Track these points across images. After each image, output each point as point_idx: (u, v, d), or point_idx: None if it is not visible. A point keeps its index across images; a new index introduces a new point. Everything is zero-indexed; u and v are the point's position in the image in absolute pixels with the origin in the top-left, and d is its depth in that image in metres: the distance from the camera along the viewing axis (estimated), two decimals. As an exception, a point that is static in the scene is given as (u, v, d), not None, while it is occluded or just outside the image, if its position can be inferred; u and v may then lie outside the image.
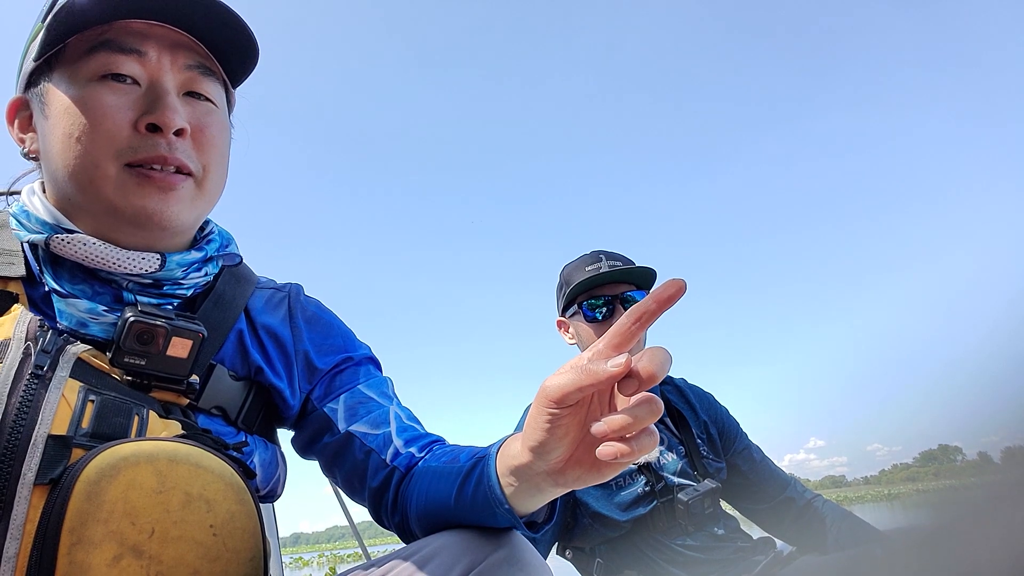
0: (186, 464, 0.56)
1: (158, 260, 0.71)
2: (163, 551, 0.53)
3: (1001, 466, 0.41)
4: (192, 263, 0.75)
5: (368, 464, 0.78)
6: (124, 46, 0.69)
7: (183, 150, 0.71)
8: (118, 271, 0.70)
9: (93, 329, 0.68)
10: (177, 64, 0.72)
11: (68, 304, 0.68)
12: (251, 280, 0.86)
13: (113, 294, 0.71)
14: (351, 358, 0.86)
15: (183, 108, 0.71)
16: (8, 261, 0.70)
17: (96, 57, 0.69)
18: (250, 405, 0.79)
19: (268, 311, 0.84)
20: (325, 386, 0.83)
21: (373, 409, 0.81)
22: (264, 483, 0.80)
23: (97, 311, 0.68)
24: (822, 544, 1.45)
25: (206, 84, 0.75)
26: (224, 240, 0.84)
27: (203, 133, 0.73)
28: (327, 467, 0.84)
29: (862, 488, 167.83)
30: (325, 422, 0.81)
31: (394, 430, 0.80)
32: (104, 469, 0.53)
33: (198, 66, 0.74)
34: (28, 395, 0.55)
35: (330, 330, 0.88)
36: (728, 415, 1.63)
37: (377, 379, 0.86)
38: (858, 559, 1.09)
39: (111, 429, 0.58)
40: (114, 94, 0.68)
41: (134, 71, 0.70)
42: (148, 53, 0.70)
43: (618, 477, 1.39)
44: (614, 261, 1.53)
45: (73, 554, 0.50)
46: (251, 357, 0.79)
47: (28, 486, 0.52)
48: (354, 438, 0.79)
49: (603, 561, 1.40)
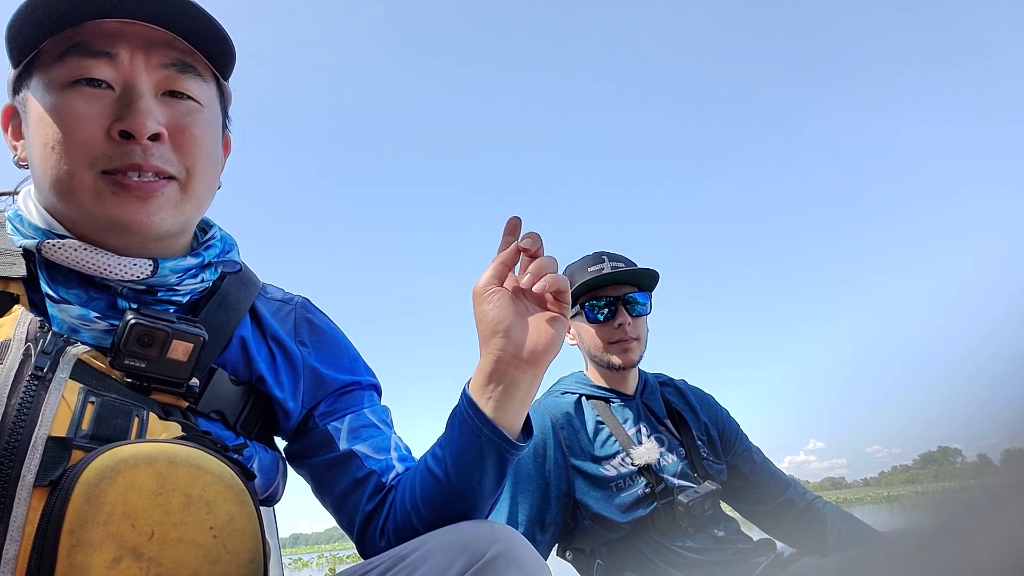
0: (186, 466, 0.56)
1: (150, 266, 0.70)
2: (163, 553, 0.53)
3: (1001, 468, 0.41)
4: (187, 269, 0.74)
5: (367, 484, 0.78)
6: (94, 49, 0.67)
7: (160, 155, 0.68)
8: (110, 277, 0.69)
9: (84, 336, 0.67)
10: (152, 63, 0.69)
11: (60, 310, 0.67)
12: (256, 284, 0.85)
13: (107, 300, 0.70)
14: (360, 383, 0.86)
15: (160, 110, 0.69)
16: (10, 262, 0.69)
17: (67, 62, 0.67)
18: (249, 411, 0.78)
19: (276, 322, 0.84)
20: (330, 404, 0.83)
21: (375, 435, 0.82)
22: (264, 487, 0.79)
23: (89, 317, 0.67)
24: (823, 546, 1.45)
25: (186, 82, 0.72)
26: (226, 246, 0.82)
27: (184, 134, 0.71)
28: (318, 481, 0.83)
29: (862, 490, 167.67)
30: (326, 439, 0.81)
31: (395, 458, 0.81)
32: (104, 471, 0.53)
33: (175, 63, 0.71)
34: (28, 396, 0.55)
35: (339, 350, 0.88)
36: (728, 417, 1.63)
37: (379, 407, 0.87)
38: (859, 560, 1.09)
39: (111, 431, 0.58)
40: (86, 100, 0.66)
41: (106, 74, 0.67)
42: (119, 55, 0.68)
43: (618, 479, 1.39)
44: (616, 262, 1.53)
45: (73, 556, 0.50)
46: (255, 364, 0.78)
47: (28, 488, 0.52)
48: (355, 457, 0.79)
49: (603, 563, 1.39)
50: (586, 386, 1.56)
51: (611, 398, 1.53)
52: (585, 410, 1.50)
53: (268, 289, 0.88)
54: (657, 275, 1.53)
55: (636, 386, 1.57)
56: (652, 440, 1.46)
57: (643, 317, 1.55)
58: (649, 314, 1.56)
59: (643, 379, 1.60)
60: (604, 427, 1.46)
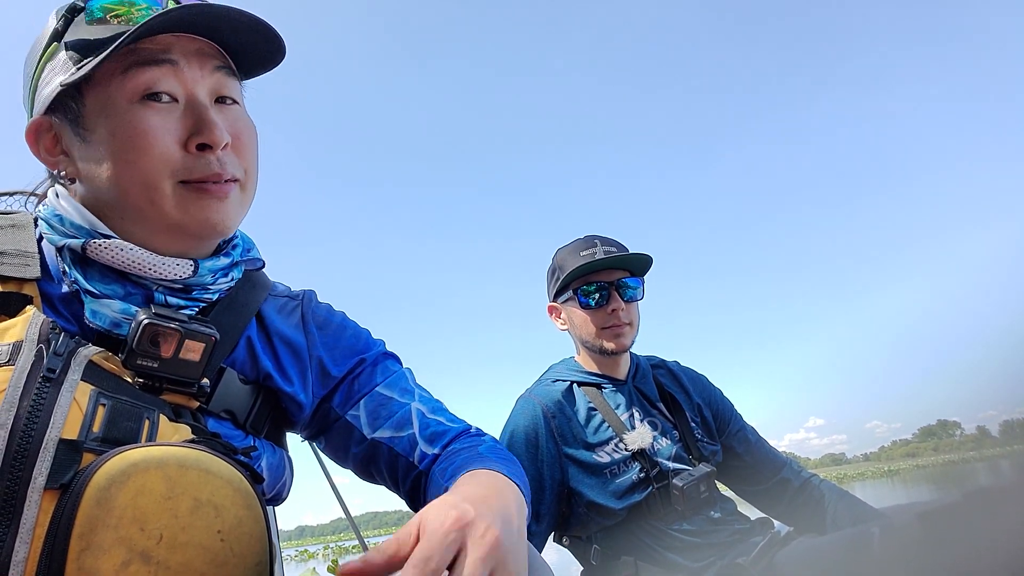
0: (195, 469, 0.56)
1: (191, 266, 0.74)
2: (171, 557, 0.53)
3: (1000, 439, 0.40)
4: (221, 268, 0.77)
5: (398, 468, 0.81)
6: (158, 58, 0.70)
7: (230, 161, 0.73)
8: (152, 276, 0.71)
9: (126, 330, 0.68)
10: (206, 68, 0.73)
11: (102, 304, 0.68)
12: (265, 285, 0.86)
13: (144, 295, 0.72)
14: (364, 359, 0.86)
15: (220, 118, 0.73)
16: (24, 263, 0.70)
17: (132, 76, 0.69)
18: (258, 409, 0.79)
19: (282, 318, 0.85)
20: (344, 393, 0.84)
21: (395, 410, 0.82)
22: (271, 487, 0.80)
23: (131, 312, 0.69)
24: (820, 524, 1.44)
25: (231, 85, 0.76)
26: (246, 244, 0.85)
27: (239, 139, 0.75)
28: (363, 473, 0.86)
29: (862, 465, 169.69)
30: (349, 431, 0.82)
31: (417, 430, 0.81)
32: (114, 475, 0.53)
33: (223, 68, 0.75)
34: (40, 398, 0.56)
35: (342, 332, 0.88)
36: (722, 396, 1.62)
37: (395, 375, 0.86)
38: (856, 538, 1.08)
39: (121, 434, 0.59)
40: (157, 115, 0.69)
41: (170, 86, 0.70)
42: (180, 61, 0.71)
43: (612, 465, 1.38)
44: (609, 247, 1.51)
45: (82, 559, 0.50)
46: (261, 363, 0.80)
47: (38, 490, 0.52)
48: (380, 445, 0.81)
49: (600, 548, 1.39)
50: (577, 372, 1.54)
51: (603, 384, 1.51)
52: (577, 397, 1.49)
53: (276, 287, 0.90)
54: (650, 260, 1.51)
55: (628, 370, 1.56)
56: (645, 424, 1.44)
57: (636, 302, 1.53)
58: (642, 299, 1.55)
59: (635, 363, 1.59)
60: (596, 413, 1.45)
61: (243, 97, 0.81)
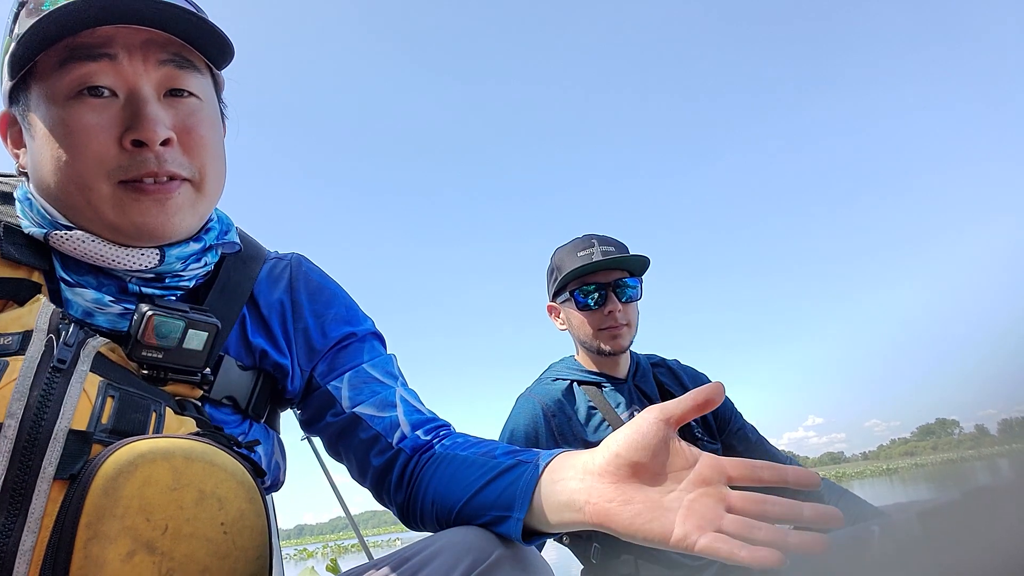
0: (201, 461, 0.57)
1: (157, 255, 0.71)
2: (175, 547, 0.53)
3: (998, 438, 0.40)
4: (191, 255, 0.74)
5: (373, 446, 0.79)
6: (95, 52, 0.66)
7: (172, 159, 0.68)
8: (118, 267, 0.70)
9: (99, 319, 0.68)
10: (150, 62, 0.69)
11: (75, 294, 0.68)
12: (258, 259, 0.85)
13: (118, 285, 0.71)
14: (355, 333, 0.85)
15: (166, 112, 0.69)
16: (35, 250, 0.69)
17: (68, 70, 0.66)
18: (259, 393, 0.79)
19: (270, 284, 0.84)
20: (328, 362, 0.83)
21: (379, 391, 0.81)
22: (268, 475, 0.80)
23: (103, 302, 0.68)
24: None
25: (186, 78, 0.71)
26: (224, 226, 0.82)
27: (191, 135, 0.71)
28: (331, 445, 0.84)
29: (861, 464, 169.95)
30: (328, 400, 0.81)
31: (401, 413, 0.80)
32: (122, 465, 0.53)
33: (173, 59, 0.70)
34: (50, 389, 0.56)
35: (333, 300, 0.87)
36: (722, 396, 1.62)
37: (382, 357, 0.85)
38: (856, 536, 1.09)
39: (130, 425, 0.59)
40: (93, 111, 0.66)
41: (109, 81, 0.67)
42: (119, 55, 0.67)
43: None
44: (607, 247, 1.51)
45: (89, 548, 0.50)
46: (254, 342, 0.79)
47: (47, 480, 0.53)
48: (360, 420, 0.79)
49: (600, 547, 1.39)
50: (577, 371, 1.54)
51: (603, 383, 1.51)
52: (577, 396, 1.49)
53: (269, 254, 0.88)
54: (648, 260, 1.51)
55: (628, 369, 1.56)
56: None
57: (634, 303, 1.53)
58: (640, 299, 1.54)
59: (635, 361, 1.59)
60: (596, 412, 1.45)
61: (214, 89, 0.77)
